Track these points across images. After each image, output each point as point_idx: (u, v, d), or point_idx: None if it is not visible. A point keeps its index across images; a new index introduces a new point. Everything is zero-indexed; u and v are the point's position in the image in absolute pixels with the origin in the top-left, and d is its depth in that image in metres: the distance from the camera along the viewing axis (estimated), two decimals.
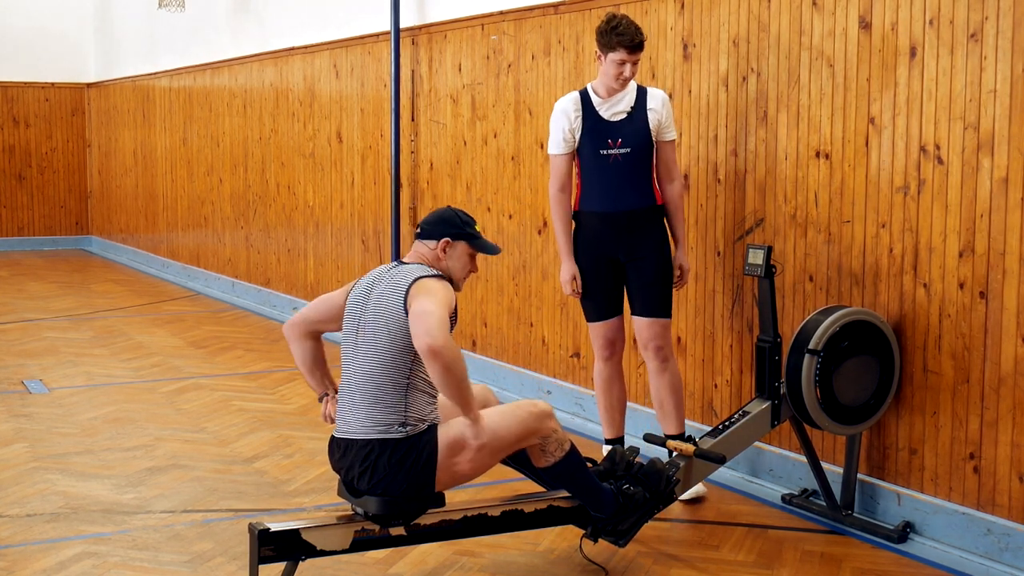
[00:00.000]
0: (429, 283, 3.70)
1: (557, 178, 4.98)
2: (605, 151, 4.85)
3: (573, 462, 3.87)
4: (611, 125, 4.85)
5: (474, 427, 3.68)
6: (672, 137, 4.93)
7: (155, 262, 12.91)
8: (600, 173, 4.87)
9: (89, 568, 4.12)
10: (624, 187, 4.85)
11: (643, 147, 4.85)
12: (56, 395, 6.79)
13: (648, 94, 4.89)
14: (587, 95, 4.91)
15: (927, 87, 4.39)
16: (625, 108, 4.86)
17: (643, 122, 4.85)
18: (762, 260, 4.57)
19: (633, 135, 4.84)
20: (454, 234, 3.87)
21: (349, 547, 3.71)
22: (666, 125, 4.89)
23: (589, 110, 4.88)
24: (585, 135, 4.88)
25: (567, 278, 5.01)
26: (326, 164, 8.99)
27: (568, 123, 4.91)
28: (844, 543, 4.46)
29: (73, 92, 15.00)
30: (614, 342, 5.05)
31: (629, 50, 4.73)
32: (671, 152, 4.94)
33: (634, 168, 4.85)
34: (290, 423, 6.18)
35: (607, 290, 4.98)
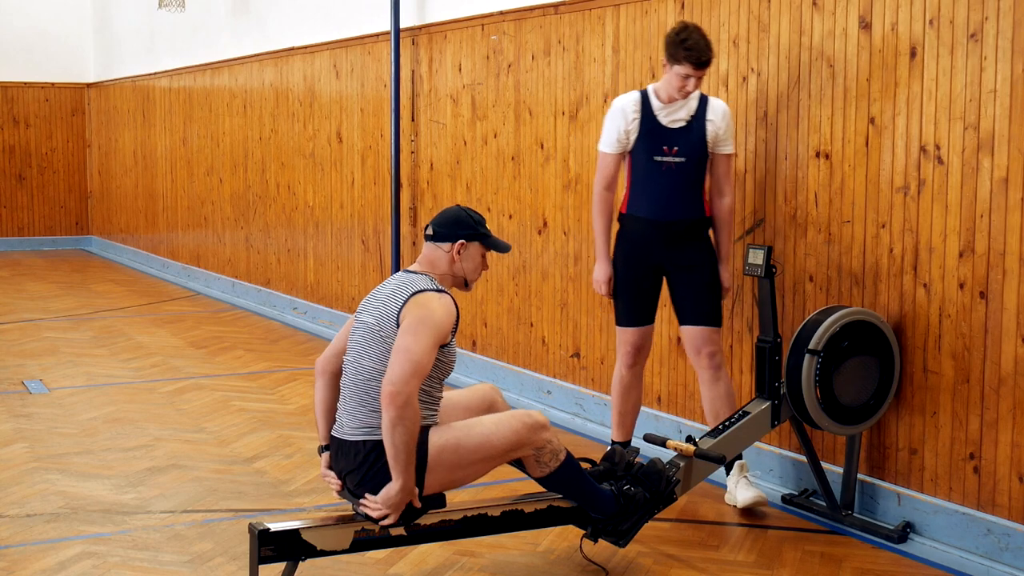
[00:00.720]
0: (428, 299, 3.65)
1: (604, 176, 4.91)
2: (660, 157, 4.75)
3: (568, 472, 3.88)
4: (668, 132, 4.76)
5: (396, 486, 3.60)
6: (729, 151, 4.83)
7: (155, 262, 12.90)
8: (652, 179, 4.79)
9: (89, 568, 4.12)
10: (675, 196, 4.77)
11: (698, 157, 4.77)
12: (56, 395, 6.79)
13: (709, 104, 4.79)
14: (647, 97, 4.80)
15: (927, 87, 4.39)
16: (685, 116, 4.76)
17: (701, 132, 4.76)
18: (762, 260, 4.57)
19: (690, 144, 4.75)
20: (468, 235, 3.85)
21: (349, 547, 3.71)
22: (724, 138, 4.79)
23: (647, 113, 4.79)
24: (640, 138, 4.79)
25: (602, 279, 4.97)
26: (326, 164, 8.99)
27: (624, 123, 4.81)
28: (844, 543, 4.46)
29: (73, 92, 15.00)
30: (640, 349, 5.00)
31: (695, 67, 4.64)
32: (726, 166, 4.84)
33: (687, 178, 4.76)
34: (290, 423, 6.18)
35: (644, 297, 4.92)
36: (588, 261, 6.13)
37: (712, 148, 4.79)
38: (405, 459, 3.57)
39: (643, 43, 5.72)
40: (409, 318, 3.63)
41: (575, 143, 6.21)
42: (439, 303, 3.67)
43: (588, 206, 6.12)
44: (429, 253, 3.86)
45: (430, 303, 3.66)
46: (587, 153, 6.12)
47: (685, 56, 4.62)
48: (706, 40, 4.67)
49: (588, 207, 6.12)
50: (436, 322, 3.62)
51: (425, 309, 3.64)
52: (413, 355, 3.55)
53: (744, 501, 4.71)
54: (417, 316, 3.62)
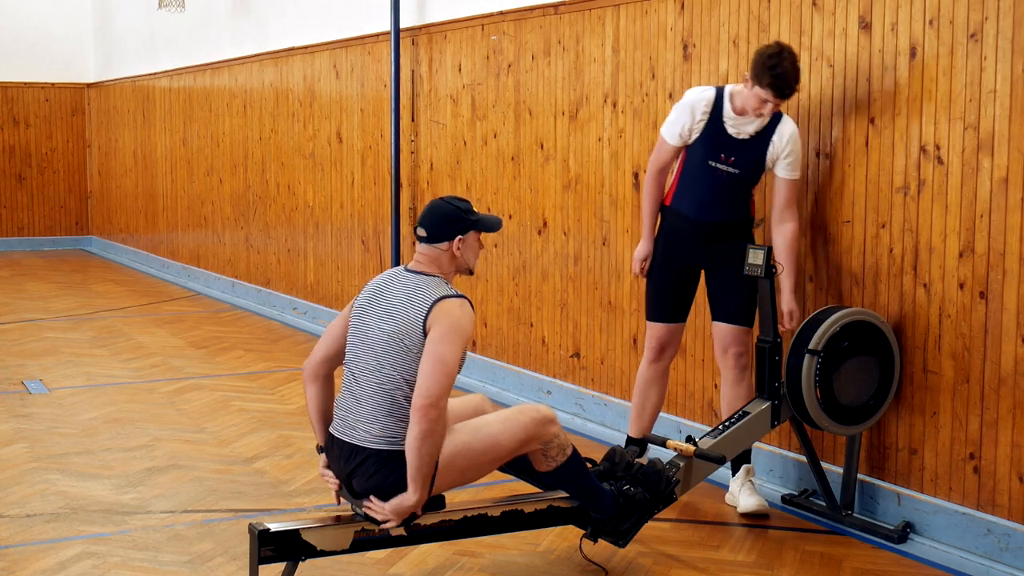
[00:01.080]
0: (452, 308, 3.63)
1: (659, 160, 4.86)
2: (715, 163, 4.69)
3: (574, 466, 3.87)
4: (732, 141, 4.66)
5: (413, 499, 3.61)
6: (790, 176, 4.66)
7: (155, 262, 12.90)
8: (702, 182, 4.72)
9: (89, 568, 4.12)
10: (720, 202, 4.71)
11: (753, 172, 4.69)
12: (56, 395, 6.79)
13: (779, 124, 4.64)
14: (721, 101, 4.69)
15: (927, 87, 4.39)
16: (752, 131, 4.64)
17: (762, 150, 4.65)
18: (762, 260, 4.56)
19: (747, 159, 4.66)
20: (464, 228, 3.81)
21: (349, 547, 3.71)
22: (787, 162, 4.63)
23: (716, 117, 4.68)
24: (701, 140, 4.71)
25: (637, 256, 4.95)
26: (326, 164, 8.99)
27: (691, 121, 4.72)
28: (844, 543, 4.46)
29: (73, 92, 15.00)
30: (665, 346, 4.96)
31: (776, 96, 4.51)
32: (788, 191, 4.67)
33: (737, 188, 4.70)
34: (290, 423, 6.18)
35: (675, 294, 4.89)
36: (588, 261, 6.14)
37: (770, 168, 4.68)
38: (427, 472, 3.58)
39: (643, 43, 5.72)
40: (438, 328, 3.59)
41: (575, 143, 6.21)
42: (462, 311, 3.64)
43: (587, 207, 6.12)
44: (429, 253, 3.80)
45: (455, 311, 3.63)
46: (587, 153, 6.12)
47: (769, 83, 4.48)
48: (796, 69, 4.50)
49: (587, 208, 6.12)
50: (464, 330, 3.61)
51: (452, 318, 3.61)
52: (448, 367, 3.54)
53: (745, 508, 4.70)
54: (448, 325, 3.59)
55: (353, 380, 3.74)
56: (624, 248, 5.87)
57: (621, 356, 5.94)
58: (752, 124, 4.64)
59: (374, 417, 3.66)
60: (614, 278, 5.96)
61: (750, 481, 4.78)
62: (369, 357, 3.69)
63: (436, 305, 3.63)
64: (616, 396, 5.98)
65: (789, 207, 4.69)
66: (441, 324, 3.60)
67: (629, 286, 5.86)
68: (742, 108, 4.64)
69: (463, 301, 3.68)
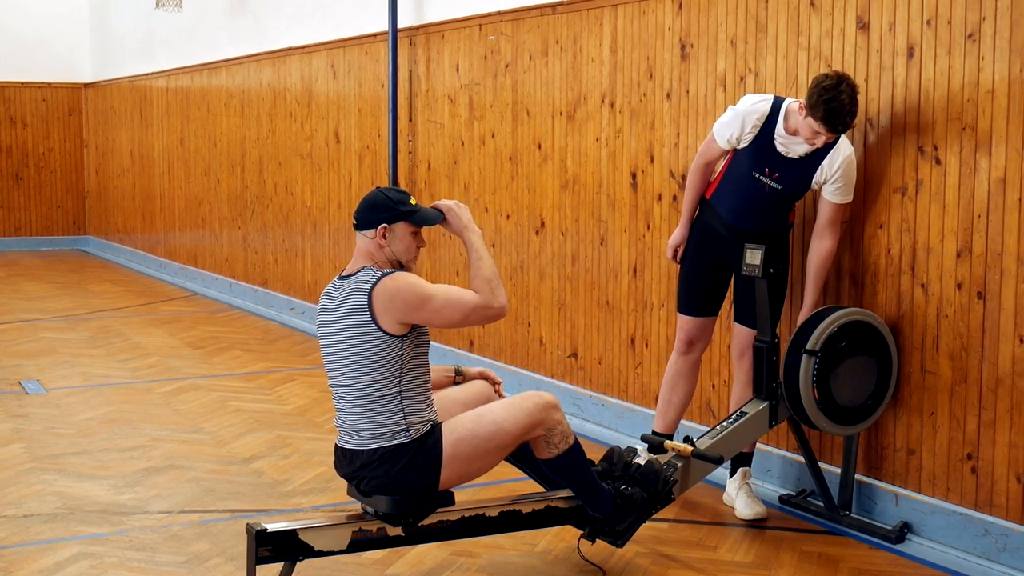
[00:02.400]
0: (390, 287, 3.62)
1: (706, 154, 4.77)
2: (759, 176, 4.60)
3: (576, 456, 3.87)
4: (778, 158, 4.54)
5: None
6: (838, 200, 4.50)
7: (152, 262, 12.90)
8: (743, 191, 4.65)
9: (86, 569, 4.12)
10: (759, 212, 4.64)
11: (797, 190, 4.58)
12: (53, 395, 6.78)
13: (833, 148, 4.46)
14: (775, 116, 4.53)
15: (925, 87, 4.39)
16: (802, 152, 4.49)
17: (810, 172, 4.51)
18: (760, 260, 4.54)
19: (793, 178, 4.54)
20: (389, 217, 3.74)
21: (347, 547, 3.71)
22: (836, 186, 4.48)
23: (767, 132, 4.55)
24: (748, 150, 4.60)
25: (673, 242, 4.92)
26: (323, 164, 8.99)
27: (741, 131, 4.60)
28: (842, 543, 4.46)
29: (70, 92, 14.99)
30: (694, 340, 4.91)
31: (829, 131, 4.35)
32: (832, 213, 4.53)
33: (777, 203, 4.62)
34: (287, 423, 6.18)
35: (705, 289, 4.85)
36: (585, 261, 6.14)
37: (816, 188, 4.56)
38: (487, 256, 3.77)
39: (641, 43, 5.72)
40: (405, 310, 3.61)
41: (573, 143, 6.21)
42: (396, 283, 3.63)
43: (585, 207, 6.12)
44: (361, 244, 3.79)
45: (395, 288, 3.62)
46: (585, 153, 6.12)
47: (822, 117, 4.31)
48: (853, 102, 4.30)
49: (585, 208, 6.12)
50: (419, 286, 3.62)
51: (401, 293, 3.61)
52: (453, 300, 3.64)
53: (744, 515, 4.68)
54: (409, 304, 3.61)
55: (336, 394, 3.79)
56: (622, 248, 5.87)
57: (619, 356, 5.94)
58: (803, 146, 4.50)
59: (361, 422, 3.70)
60: (612, 278, 5.96)
61: (747, 484, 4.77)
62: (337, 371, 3.74)
63: (373, 297, 3.63)
64: (614, 396, 5.98)
65: (831, 226, 4.57)
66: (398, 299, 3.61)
67: (627, 286, 5.86)
68: (795, 129, 4.48)
69: (391, 276, 3.66)
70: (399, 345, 3.64)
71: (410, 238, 3.78)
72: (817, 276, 4.62)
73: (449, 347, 7.28)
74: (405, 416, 3.66)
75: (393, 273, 3.67)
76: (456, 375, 4.17)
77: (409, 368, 3.68)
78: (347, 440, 3.76)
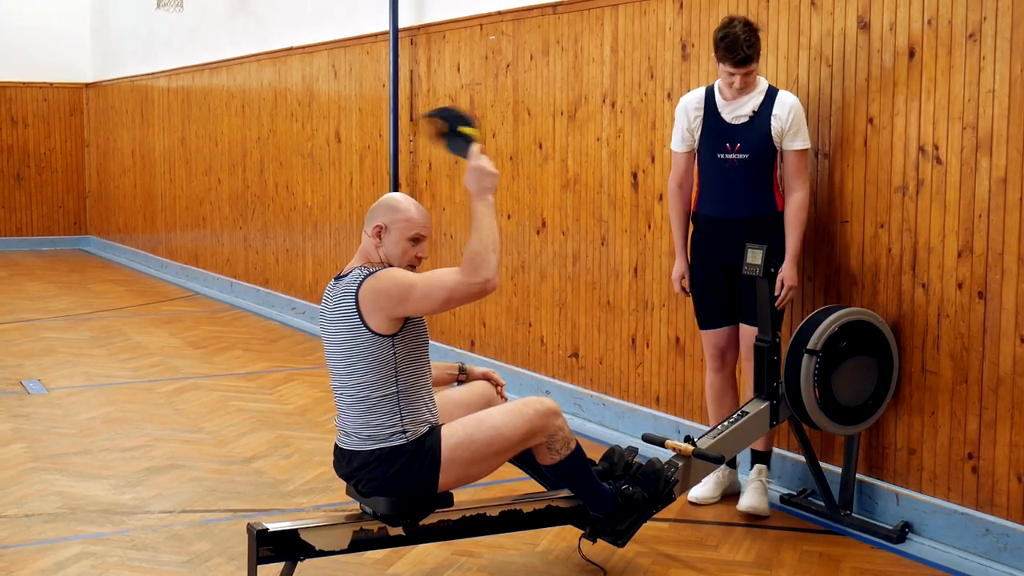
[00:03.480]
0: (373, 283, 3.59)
1: (675, 174, 4.88)
2: (723, 155, 4.66)
3: (578, 460, 3.86)
4: (731, 128, 4.64)
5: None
6: (797, 147, 4.58)
7: (153, 262, 12.90)
8: (717, 177, 4.71)
9: (87, 568, 4.12)
10: (740, 193, 4.66)
11: (763, 154, 4.61)
12: (54, 395, 6.79)
13: (776, 99, 4.60)
14: (712, 94, 4.71)
15: (926, 87, 4.39)
16: (749, 111, 4.62)
17: (765, 128, 4.59)
18: (760, 260, 4.55)
19: (752, 141, 4.61)
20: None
21: (348, 547, 3.71)
22: (791, 133, 4.57)
23: (711, 110, 4.69)
24: (703, 136, 4.72)
25: (674, 276, 4.96)
26: (324, 164, 8.99)
27: (687, 122, 4.75)
28: (843, 543, 4.46)
29: (71, 92, 14.99)
30: (724, 352, 4.89)
31: (735, 65, 4.51)
32: (795, 162, 4.59)
33: (751, 175, 4.63)
34: (289, 423, 6.18)
35: (717, 297, 4.83)
36: (586, 261, 6.14)
37: (779, 144, 4.60)
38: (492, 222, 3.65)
39: (642, 43, 5.72)
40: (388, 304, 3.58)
41: (573, 143, 6.21)
42: (377, 280, 3.60)
43: (586, 206, 6.12)
44: (362, 243, 3.82)
45: (377, 285, 3.59)
46: (585, 153, 6.12)
47: (722, 56, 4.51)
48: (748, 34, 4.48)
49: (586, 207, 6.12)
50: (399, 278, 3.57)
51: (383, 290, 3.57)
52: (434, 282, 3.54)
53: (744, 505, 4.70)
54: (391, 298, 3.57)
55: (335, 393, 3.79)
56: (623, 248, 5.87)
57: (620, 356, 5.94)
58: (746, 105, 4.63)
59: (358, 423, 3.70)
60: (613, 278, 5.96)
61: (760, 481, 4.76)
62: (335, 372, 3.75)
63: (360, 298, 3.61)
64: (615, 396, 5.98)
65: (796, 176, 4.61)
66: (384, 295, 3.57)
67: (627, 286, 5.86)
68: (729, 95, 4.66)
69: (374, 275, 3.62)
70: (390, 345, 3.63)
71: (405, 244, 3.74)
72: (789, 227, 4.63)
73: (450, 347, 7.28)
74: (402, 418, 3.66)
75: (377, 272, 3.64)
76: (460, 373, 4.16)
77: (405, 368, 3.67)
78: (345, 440, 3.76)
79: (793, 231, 4.64)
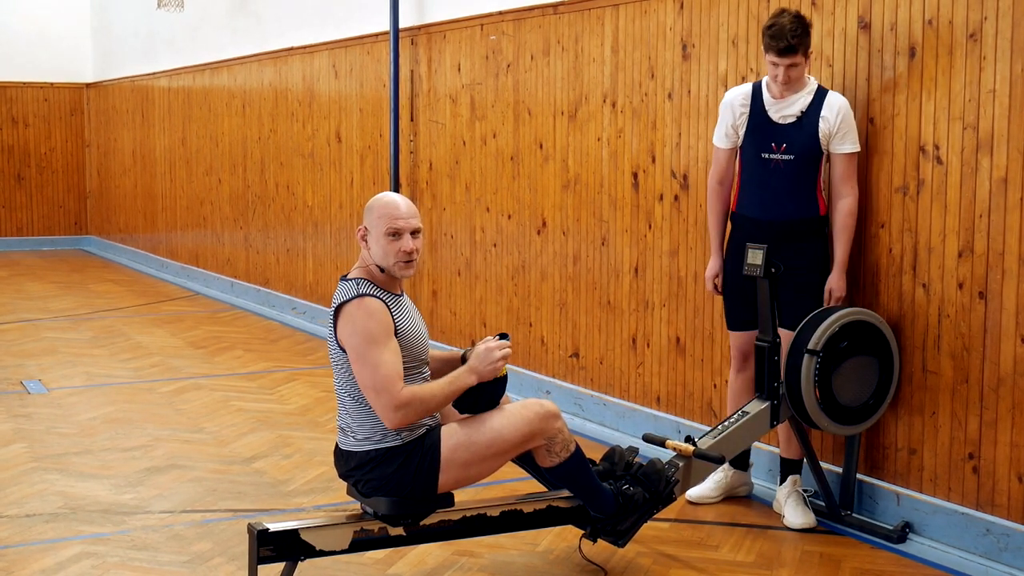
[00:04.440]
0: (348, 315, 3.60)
1: (716, 171, 4.80)
2: (767, 155, 4.58)
3: (578, 463, 3.86)
4: (778, 128, 4.55)
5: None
6: (847, 150, 4.48)
7: (154, 262, 12.90)
8: (760, 177, 4.62)
9: (88, 568, 4.12)
10: (783, 195, 4.58)
11: (809, 155, 4.52)
12: (55, 395, 6.79)
13: (825, 99, 4.50)
14: (759, 91, 4.62)
15: (926, 87, 4.39)
16: (796, 112, 4.52)
17: (812, 129, 4.49)
18: (761, 260, 4.53)
19: (799, 142, 4.51)
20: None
21: (348, 547, 3.71)
22: (839, 136, 4.47)
23: (758, 107, 4.60)
24: (749, 134, 4.63)
25: (708, 275, 4.89)
26: (325, 164, 8.99)
27: (732, 118, 4.67)
28: (843, 543, 4.46)
29: (72, 92, 14.99)
30: (748, 354, 4.78)
31: (779, 54, 4.41)
32: (843, 166, 4.50)
33: (797, 176, 4.54)
34: (289, 423, 6.18)
35: (747, 300, 4.70)
36: (587, 261, 6.14)
37: (826, 147, 4.51)
38: (452, 391, 3.64)
39: (642, 43, 5.72)
40: (348, 346, 3.60)
41: (574, 143, 6.21)
42: (358, 312, 3.59)
43: (587, 206, 6.12)
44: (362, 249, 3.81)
45: (352, 318, 3.59)
46: (586, 153, 6.12)
47: (767, 44, 4.42)
48: (795, 25, 4.39)
49: (587, 207, 6.12)
50: (371, 333, 3.56)
51: (352, 327, 3.59)
52: (380, 379, 3.54)
53: (793, 524, 4.58)
54: (353, 343, 3.58)
55: (336, 394, 3.80)
56: (623, 248, 5.87)
57: (620, 356, 5.94)
58: (794, 104, 4.53)
59: (354, 424, 3.71)
60: (613, 278, 5.96)
61: (797, 492, 4.69)
62: (334, 374, 3.77)
63: (338, 316, 3.64)
64: (615, 396, 5.98)
65: (845, 181, 4.51)
66: (348, 342, 3.60)
67: (628, 286, 5.86)
68: (778, 92, 4.56)
69: (359, 300, 3.61)
70: None
71: (386, 241, 3.69)
72: (840, 235, 4.55)
73: (450, 347, 7.28)
74: None
75: (365, 299, 3.62)
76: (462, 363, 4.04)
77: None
78: (343, 440, 3.78)
79: (842, 239, 4.56)
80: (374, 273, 3.74)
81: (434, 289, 7.49)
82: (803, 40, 4.43)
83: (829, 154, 4.56)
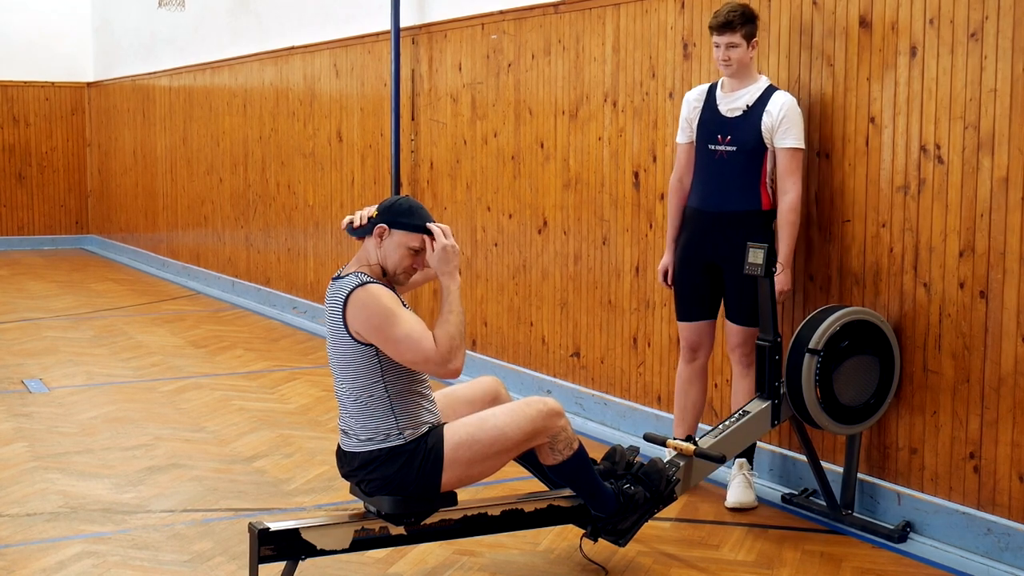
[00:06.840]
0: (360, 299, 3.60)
1: (677, 168, 4.95)
2: (713, 146, 4.72)
3: (580, 461, 3.86)
4: (725, 120, 4.71)
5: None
6: (789, 145, 4.59)
7: (155, 261, 12.91)
8: (706, 169, 4.76)
9: (89, 567, 4.12)
10: (727, 187, 4.69)
11: (751, 148, 4.64)
12: (56, 394, 6.79)
13: (772, 96, 4.64)
14: (715, 88, 4.81)
15: (927, 86, 4.39)
16: (743, 105, 4.68)
17: (756, 123, 4.63)
18: (762, 259, 4.53)
19: (743, 134, 4.65)
20: (390, 221, 3.73)
21: (349, 547, 3.71)
22: (781, 130, 4.58)
23: (710, 102, 4.78)
24: (700, 127, 4.80)
25: (660, 268, 5.03)
26: (326, 163, 8.99)
27: (687, 111, 4.85)
28: (844, 543, 4.46)
29: (73, 91, 15.00)
30: (696, 347, 4.93)
31: (717, 31, 4.61)
32: (785, 161, 4.59)
33: (738, 168, 4.66)
34: (290, 422, 6.18)
35: (695, 291, 4.87)
36: (588, 260, 6.14)
37: (769, 141, 4.63)
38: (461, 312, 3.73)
39: (643, 42, 5.72)
40: (369, 330, 3.59)
41: (575, 142, 6.21)
42: (368, 296, 3.60)
43: (587, 206, 6.12)
44: (364, 243, 3.79)
45: (363, 303, 3.59)
46: (587, 152, 6.12)
47: (709, 25, 4.63)
48: (736, 7, 4.60)
49: (587, 207, 6.12)
50: (387, 308, 3.58)
51: (366, 311, 3.59)
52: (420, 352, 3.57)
53: (729, 501, 4.75)
54: (374, 324, 3.58)
55: (336, 395, 3.80)
56: (624, 247, 5.87)
57: (621, 356, 5.94)
58: (741, 99, 4.69)
59: (356, 426, 3.71)
60: (614, 277, 5.96)
61: (743, 475, 4.79)
62: (333, 373, 3.77)
63: (347, 303, 3.63)
64: (616, 395, 5.98)
65: (787, 176, 4.61)
66: (366, 323, 3.59)
67: (629, 285, 5.86)
68: (727, 82, 4.74)
69: (365, 286, 3.62)
70: (373, 352, 3.64)
71: (404, 251, 3.73)
72: (784, 230, 4.63)
73: None
74: (397, 420, 3.66)
75: (369, 285, 3.64)
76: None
77: (392, 374, 3.67)
78: (345, 440, 3.78)
79: (785, 235, 4.64)
80: (376, 272, 3.75)
81: (435, 289, 7.49)
82: (742, 22, 4.61)
83: (774, 150, 4.65)
